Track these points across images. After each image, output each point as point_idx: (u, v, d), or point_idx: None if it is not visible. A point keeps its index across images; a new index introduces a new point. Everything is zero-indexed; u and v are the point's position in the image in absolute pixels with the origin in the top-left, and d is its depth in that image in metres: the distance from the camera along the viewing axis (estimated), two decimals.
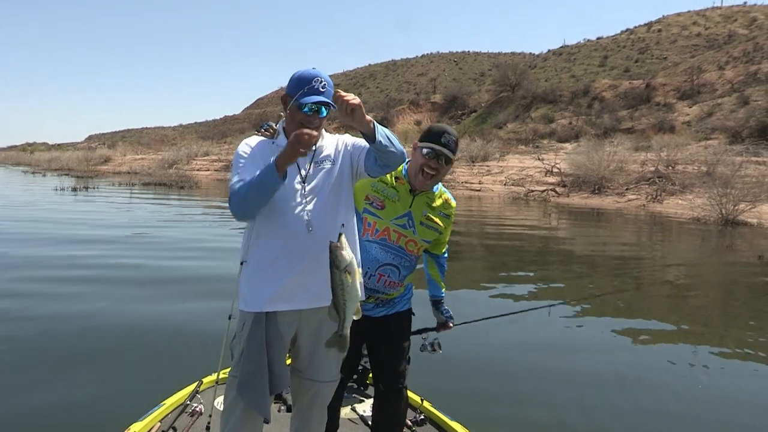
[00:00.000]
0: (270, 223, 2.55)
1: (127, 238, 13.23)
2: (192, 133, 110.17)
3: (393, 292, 3.09)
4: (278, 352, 2.59)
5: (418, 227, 3.03)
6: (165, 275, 9.35)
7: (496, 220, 20.45)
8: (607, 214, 23.72)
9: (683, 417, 4.74)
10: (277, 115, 2.84)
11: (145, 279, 9.02)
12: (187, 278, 9.20)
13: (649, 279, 10.68)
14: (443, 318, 3.32)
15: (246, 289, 2.61)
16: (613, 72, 68.91)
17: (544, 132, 48.65)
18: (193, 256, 11.34)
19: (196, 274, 9.51)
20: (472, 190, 34.05)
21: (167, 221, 17.20)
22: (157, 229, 15.39)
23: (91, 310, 7.09)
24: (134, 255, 11.07)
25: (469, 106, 66.98)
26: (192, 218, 18.70)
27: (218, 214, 19.90)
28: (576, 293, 9.09)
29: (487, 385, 5.20)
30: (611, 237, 17.24)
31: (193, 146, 64.44)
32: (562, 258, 12.98)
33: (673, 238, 17.75)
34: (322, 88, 2.52)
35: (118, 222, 16.40)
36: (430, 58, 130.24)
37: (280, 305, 2.56)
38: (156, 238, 13.64)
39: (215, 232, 15.03)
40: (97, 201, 24.51)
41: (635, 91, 50.06)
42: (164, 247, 12.25)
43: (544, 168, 34.18)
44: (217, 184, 40.79)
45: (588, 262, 12.62)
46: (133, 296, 7.96)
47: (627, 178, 29.48)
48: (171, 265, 10.28)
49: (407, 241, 3.02)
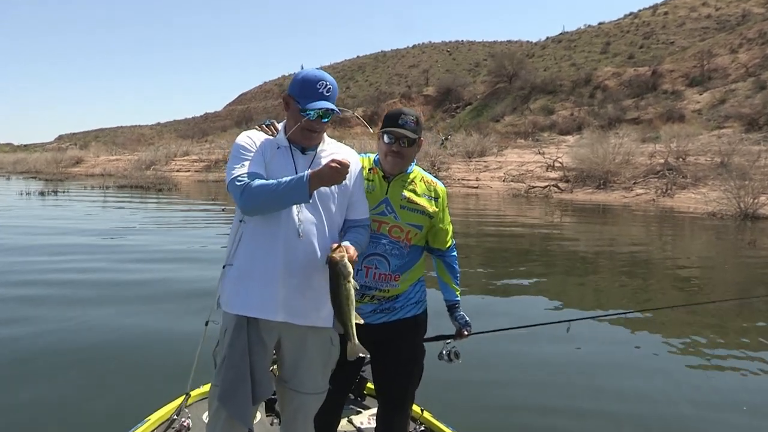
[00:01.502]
0: (260, 225, 2.59)
1: (97, 245, 12.78)
2: (170, 131, 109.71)
3: (388, 287, 3.00)
4: (260, 358, 2.62)
5: (399, 211, 3.01)
6: (142, 285, 9.06)
7: (496, 219, 20.40)
8: (613, 210, 23.67)
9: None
10: (271, 117, 2.90)
11: (123, 289, 8.74)
12: (172, 286, 8.97)
13: (667, 282, 10.42)
14: (458, 324, 3.26)
15: (228, 291, 2.65)
16: (617, 59, 68.76)
17: (544, 124, 48.73)
18: (172, 261, 11.11)
19: (179, 281, 9.27)
20: (469, 187, 34.13)
21: (143, 226, 16.75)
22: (131, 234, 15.07)
23: (56, 324, 6.82)
24: (107, 262, 10.74)
25: (464, 99, 66.96)
26: (171, 222, 18.40)
27: (200, 218, 19.66)
28: (590, 302, 8.84)
29: (492, 396, 5.13)
30: (619, 234, 17.14)
31: (172, 146, 63.74)
32: (568, 260, 12.79)
33: (687, 234, 17.65)
34: (326, 92, 2.61)
35: (88, 228, 15.88)
36: (422, 48, 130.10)
37: (263, 313, 2.58)
38: (130, 244, 13.31)
39: (196, 237, 14.63)
40: (66, 205, 24.02)
41: (641, 79, 50.09)
42: (139, 253, 11.91)
43: (545, 162, 34.34)
44: (197, 185, 40.54)
45: (596, 263, 12.42)
46: (110, 306, 7.72)
47: (634, 171, 29.64)
48: (149, 272, 9.98)
49: (390, 228, 2.99)
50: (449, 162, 39.70)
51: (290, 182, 2.45)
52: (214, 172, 48.86)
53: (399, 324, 3.04)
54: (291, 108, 2.67)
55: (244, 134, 2.71)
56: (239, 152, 2.63)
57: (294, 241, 2.57)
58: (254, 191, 2.48)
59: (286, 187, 2.45)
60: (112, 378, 5.29)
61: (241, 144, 2.65)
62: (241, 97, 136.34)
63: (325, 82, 2.61)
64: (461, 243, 14.15)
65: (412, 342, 3.10)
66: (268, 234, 2.59)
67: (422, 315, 3.15)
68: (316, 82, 2.60)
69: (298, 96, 2.61)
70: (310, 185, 2.42)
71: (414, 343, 3.11)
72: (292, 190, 2.44)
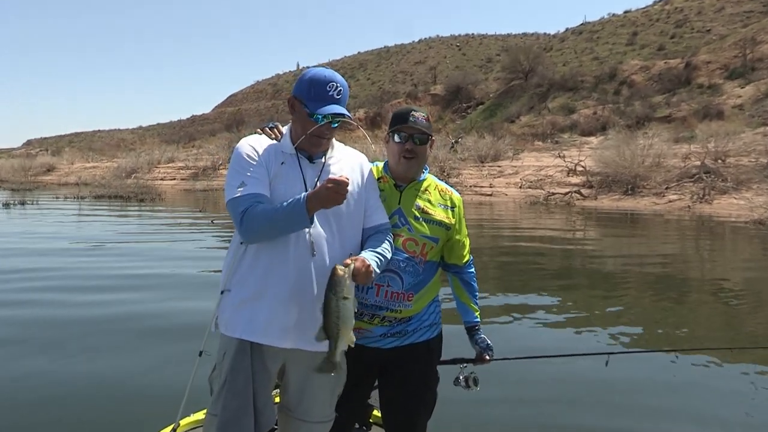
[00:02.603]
0: (267, 244, 2.62)
1: (58, 269, 12.27)
2: (154, 136, 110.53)
3: (401, 308, 3.00)
4: (263, 385, 2.66)
5: (414, 223, 3.05)
6: (121, 313, 8.59)
7: (511, 230, 20.27)
8: (643, 219, 23.59)
9: None
10: (264, 120, 2.51)
11: (97, 319, 8.25)
12: (155, 314, 8.54)
13: (706, 304, 10.06)
14: (478, 348, 3.29)
15: (230, 313, 2.67)
16: (645, 51, 68.88)
17: (565, 125, 48.98)
18: (154, 286, 10.53)
19: (163, 310, 8.80)
20: (482, 195, 34.22)
21: (121, 243, 16.25)
22: (106, 253, 14.55)
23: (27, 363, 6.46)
24: (60, 293, 10.12)
25: (475, 98, 67.71)
26: (152, 238, 17.95)
27: (187, 231, 19.29)
28: (617, 323, 8.47)
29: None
30: (651, 246, 16.87)
31: (156, 151, 64.23)
32: (593, 276, 12.55)
33: (729, 246, 17.39)
34: (337, 94, 2.65)
35: (55, 246, 15.44)
36: (429, 43, 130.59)
37: (270, 339, 2.62)
38: (107, 264, 12.77)
39: (179, 255, 14.13)
40: (35, 218, 23.69)
41: (672, 72, 50.13)
42: (117, 276, 11.34)
43: (566, 167, 34.52)
44: (184, 195, 40.38)
45: (625, 280, 12.08)
46: (85, 338, 7.34)
47: (666, 175, 29.59)
48: (129, 298, 9.54)
49: (404, 241, 3.02)
50: (460, 167, 39.93)
51: (288, 209, 2.48)
52: (202, 180, 49.25)
53: (411, 348, 3.05)
54: (297, 111, 2.70)
55: (246, 141, 2.73)
56: (240, 165, 2.65)
57: (306, 259, 2.61)
58: (253, 221, 2.52)
59: (284, 214, 2.48)
60: (96, 409, 5.29)
61: (243, 155, 2.67)
62: (232, 98, 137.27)
63: (336, 83, 2.65)
64: (472, 255, 14.10)
65: (425, 367, 3.11)
66: (277, 253, 2.61)
67: (436, 339, 3.17)
68: (326, 84, 2.63)
69: (306, 98, 2.64)
70: (308, 209, 2.44)
71: (426, 368, 3.12)
72: (291, 217, 2.47)
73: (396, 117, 3.09)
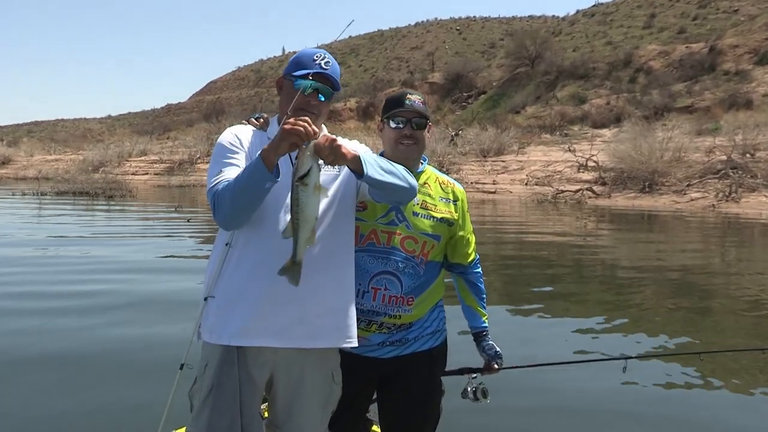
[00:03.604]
0: (251, 241, 2.65)
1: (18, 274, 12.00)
2: (124, 126, 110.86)
3: (400, 312, 3.02)
4: (250, 399, 2.64)
5: (412, 219, 3.06)
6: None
7: (517, 231, 20.17)
8: (662, 219, 23.71)
9: None
10: (247, 109, 2.37)
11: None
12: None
13: (732, 314, 9.86)
14: (486, 356, 3.33)
15: (213, 319, 2.67)
16: (664, 34, 68.97)
17: (575, 116, 49.19)
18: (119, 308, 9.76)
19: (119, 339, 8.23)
20: (484, 192, 34.35)
21: (87, 246, 15.98)
22: (68, 254, 14.17)
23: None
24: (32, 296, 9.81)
25: (477, 87, 68.13)
26: (124, 240, 17.51)
27: (160, 233, 18.96)
28: (634, 332, 8.36)
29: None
30: (671, 250, 16.82)
31: (126, 143, 64.83)
32: (607, 280, 12.47)
33: (759, 249, 17.43)
34: (324, 65, 2.70)
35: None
36: (426, 26, 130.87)
37: (256, 339, 2.60)
38: (67, 267, 12.39)
39: (150, 266, 13.72)
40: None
41: (694, 58, 50.32)
42: (64, 296, 10.71)
43: (577, 162, 34.74)
44: (158, 192, 40.40)
45: (642, 285, 11.97)
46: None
47: (688, 171, 29.75)
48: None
49: (402, 239, 3.03)
50: (460, 162, 40.27)
51: (247, 167, 2.50)
52: (178, 175, 49.76)
53: (412, 358, 3.07)
54: (284, 88, 2.78)
55: (229, 131, 2.80)
56: (221, 155, 2.70)
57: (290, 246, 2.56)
58: (221, 195, 2.53)
59: (244, 172, 2.49)
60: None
61: (224, 144, 2.73)
62: (211, 86, 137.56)
63: (323, 54, 2.72)
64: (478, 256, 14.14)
65: (427, 378, 3.13)
66: (262, 251, 2.62)
67: (440, 347, 3.19)
68: (312, 55, 2.71)
69: (291, 73, 2.72)
70: (263, 158, 2.41)
71: (429, 379, 3.14)
72: (249, 170, 2.45)
73: (390, 101, 3.14)
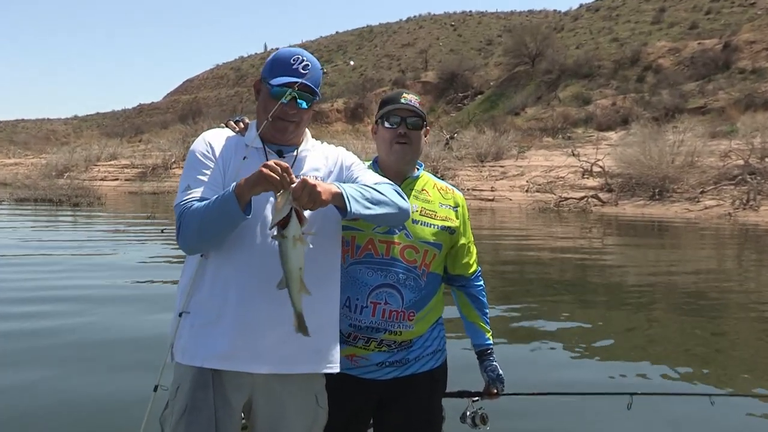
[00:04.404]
0: (232, 253, 2.62)
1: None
2: (92, 127, 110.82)
3: (401, 329, 3.06)
4: (226, 424, 2.62)
5: (411, 227, 3.10)
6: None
7: (517, 242, 20.14)
8: (674, 228, 23.80)
9: None
10: (225, 110, 2.43)
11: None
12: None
13: (753, 338, 9.77)
14: (487, 378, 3.39)
15: (185, 339, 2.65)
16: (674, 30, 69.11)
17: (578, 118, 49.28)
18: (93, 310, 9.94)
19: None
20: (482, 199, 34.29)
21: (49, 258, 15.67)
22: (28, 270, 13.75)
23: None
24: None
25: (473, 87, 68.47)
26: (90, 261, 17.02)
27: (132, 244, 18.67)
28: (644, 357, 8.28)
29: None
30: (684, 262, 16.76)
31: (95, 146, 64.95)
32: (614, 296, 12.34)
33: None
34: (303, 69, 2.70)
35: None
36: (419, 21, 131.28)
37: (237, 364, 2.58)
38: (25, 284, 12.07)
39: (131, 274, 13.51)
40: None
41: (708, 55, 50.57)
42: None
43: (581, 167, 34.87)
44: (129, 199, 40.21)
45: (652, 303, 11.92)
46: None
47: (702, 176, 29.85)
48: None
49: (402, 248, 3.07)
50: (456, 167, 40.22)
51: (218, 198, 2.48)
52: (152, 181, 49.69)
53: (412, 380, 3.12)
54: (261, 93, 2.77)
55: (202, 139, 2.78)
56: (192, 167, 2.69)
57: (276, 267, 2.49)
58: (187, 220, 2.53)
59: (215, 204, 2.47)
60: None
61: (197, 153, 2.71)
62: (187, 85, 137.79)
63: (301, 57, 2.71)
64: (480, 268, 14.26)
65: (428, 402, 3.18)
66: (240, 263, 2.60)
67: (441, 368, 3.24)
68: (289, 58, 2.70)
69: (268, 77, 2.71)
70: (237, 195, 2.40)
71: (430, 403, 3.19)
72: (221, 206, 2.45)
73: (385, 101, 3.20)
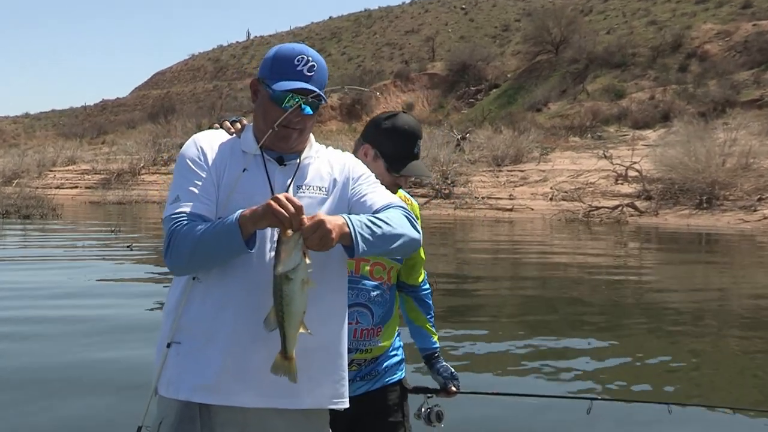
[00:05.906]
0: (226, 275, 2.67)
1: None
2: (47, 127, 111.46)
3: (371, 346, 3.36)
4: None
5: None
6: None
7: (539, 258, 20.43)
8: (725, 241, 23.99)
9: None
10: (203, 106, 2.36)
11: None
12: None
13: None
14: (441, 379, 3.68)
15: (171, 370, 2.70)
16: (723, 10, 69.09)
17: (610, 114, 49.50)
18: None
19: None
20: (499, 209, 34.81)
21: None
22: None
23: None
24: None
25: (487, 79, 69.02)
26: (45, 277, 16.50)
27: (92, 261, 18.31)
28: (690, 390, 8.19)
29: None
30: (738, 280, 16.71)
31: (49, 149, 65.81)
32: (654, 320, 12.26)
33: None
34: (308, 71, 2.74)
35: None
36: (424, 5, 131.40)
37: (225, 397, 2.63)
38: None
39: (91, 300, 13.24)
40: None
41: (765, 39, 50.50)
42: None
43: (614, 171, 35.11)
44: (90, 209, 40.64)
45: (701, 328, 11.75)
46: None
47: (759, 181, 30.24)
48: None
49: (371, 267, 3.36)
50: (468, 172, 40.49)
51: (218, 225, 2.54)
52: (117, 189, 50.34)
53: (383, 392, 3.42)
54: (260, 96, 2.78)
55: (195, 140, 2.81)
56: (181, 174, 2.71)
57: (267, 286, 2.55)
58: (180, 246, 2.57)
59: (213, 233, 2.52)
60: None
61: (187, 159, 2.74)
62: (158, 78, 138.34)
63: (306, 56, 2.72)
64: (485, 292, 15.12)
65: (401, 413, 3.48)
66: (233, 285, 2.64)
67: (404, 378, 3.57)
68: (293, 58, 2.71)
69: (268, 78, 2.72)
70: (242, 228, 2.46)
71: (398, 410, 3.48)
72: (220, 237, 2.51)
73: (397, 137, 3.39)
